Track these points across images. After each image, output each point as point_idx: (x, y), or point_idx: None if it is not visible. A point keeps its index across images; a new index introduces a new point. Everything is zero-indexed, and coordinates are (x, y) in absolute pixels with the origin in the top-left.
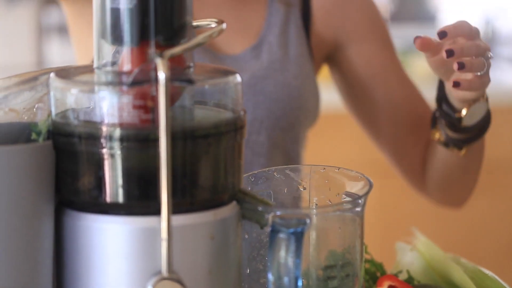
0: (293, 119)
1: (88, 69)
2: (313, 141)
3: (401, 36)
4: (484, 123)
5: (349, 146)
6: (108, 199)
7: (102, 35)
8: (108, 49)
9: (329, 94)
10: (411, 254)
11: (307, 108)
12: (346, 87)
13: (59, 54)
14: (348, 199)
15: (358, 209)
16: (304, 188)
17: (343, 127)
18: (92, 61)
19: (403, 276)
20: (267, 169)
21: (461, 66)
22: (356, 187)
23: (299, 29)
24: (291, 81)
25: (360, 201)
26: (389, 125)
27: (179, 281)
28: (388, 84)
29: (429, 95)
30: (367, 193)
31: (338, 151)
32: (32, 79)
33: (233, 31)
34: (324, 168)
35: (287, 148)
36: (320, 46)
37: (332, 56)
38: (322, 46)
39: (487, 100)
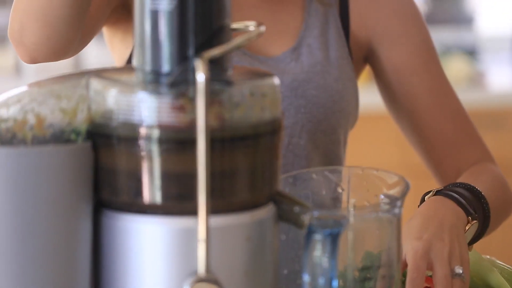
0: (334, 122)
1: (127, 70)
2: (352, 142)
3: (435, 38)
4: (481, 232)
5: (387, 148)
6: (146, 199)
7: (142, 36)
8: (148, 50)
9: (369, 95)
10: None
11: (348, 111)
12: (382, 88)
13: (96, 55)
14: (386, 200)
15: (395, 210)
16: (343, 190)
17: (382, 128)
18: (128, 63)
19: None
20: (305, 170)
21: None
22: (394, 189)
23: (338, 30)
24: (332, 84)
25: (397, 202)
26: (416, 133)
27: (216, 282)
28: (414, 91)
29: (465, 96)
30: (404, 195)
31: (376, 153)
32: (71, 80)
33: (271, 33)
34: (363, 170)
35: (328, 151)
36: (358, 47)
37: (369, 57)
38: (360, 47)
39: (475, 222)
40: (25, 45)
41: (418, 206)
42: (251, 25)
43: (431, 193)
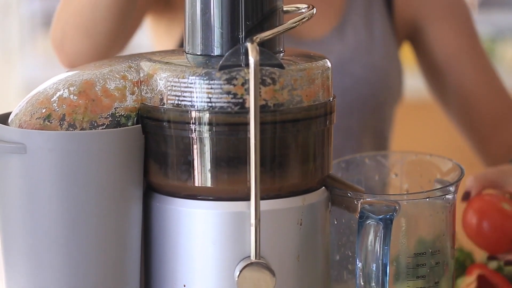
0: (381, 99)
1: (178, 53)
2: (404, 127)
3: (490, 22)
4: None
5: (439, 133)
6: (197, 183)
7: (193, 20)
8: (198, 34)
9: (420, 79)
10: None
11: (393, 87)
12: (427, 67)
13: (142, 39)
14: (439, 186)
15: (449, 196)
16: (396, 175)
17: (433, 112)
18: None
19: (492, 265)
20: (358, 155)
21: None
22: (448, 174)
23: (381, 7)
24: (377, 62)
25: (451, 188)
26: (462, 112)
27: (267, 266)
28: (462, 69)
29: None
30: (458, 180)
31: (429, 138)
32: (122, 64)
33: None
34: (416, 155)
35: (376, 129)
36: (401, 25)
37: (411, 37)
38: (403, 25)
39: None
40: (66, 53)
41: None
42: (302, 7)
43: None
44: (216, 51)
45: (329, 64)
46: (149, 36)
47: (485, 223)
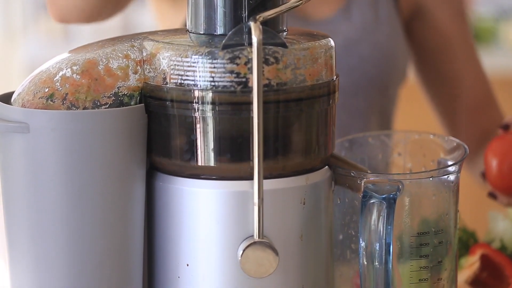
0: (387, 79)
1: (180, 32)
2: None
3: (493, 3)
4: None
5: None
6: (200, 162)
7: None
8: (201, 13)
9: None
10: (504, 223)
11: (399, 67)
12: (417, 52)
13: (144, 18)
14: (443, 165)
15: (452, 176)
16: (399, 154)
17: None
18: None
19: (495, 245)
20: (361, 134)
21: None
22: (451, 154)
23: None
24: (383, 42)
25: (454, 168)
26: (449, 97)
27: (270, 246)
28: (454, 54)
29: None
30: (462, 160)
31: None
32: (124, 43)
33: None
34: (419, 134)
35: (382, 109)
36: (405, 7)
37: (414, 18)
38: (407, 7)
39: None
40: (58, 7)
41: None
42: None
43: None
44: (219, 30)
45: (332, 43)
46: (153, 15)
47: (506, 164)
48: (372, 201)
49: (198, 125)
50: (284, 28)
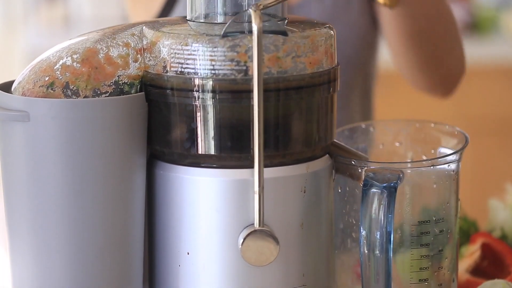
0: (363, 57)
1: (180, 21)
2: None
3: None
4: None
5: (443, 102)
6: (200, 151)
7: None
8: (201, 0)
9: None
10: (505, 212)
11: (374, 44)
12: (399, 34)
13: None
14: (443, 154)
15: (453, 164)
16: (400, 143)
17: None
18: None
19: (496, 234)
20: (363, 123)
21: None
22: (452, 143)
23: None
24: (357, 20)
25: (455, 156)
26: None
27: (270, 234)
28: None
29: None
30: (462, 149)
31: (432, 106)
32: (124, 31)
33: None
34: (420, 123)
35: (361, 87)
36: None
37: None
38: None
39: None
40: None
41: None
42: None
43: None
44: (219, 18)
45: (332, 31)
46: (126, 7)
47: None
48: (373, 190)
49: (198, 114)
50: (284, 16)
